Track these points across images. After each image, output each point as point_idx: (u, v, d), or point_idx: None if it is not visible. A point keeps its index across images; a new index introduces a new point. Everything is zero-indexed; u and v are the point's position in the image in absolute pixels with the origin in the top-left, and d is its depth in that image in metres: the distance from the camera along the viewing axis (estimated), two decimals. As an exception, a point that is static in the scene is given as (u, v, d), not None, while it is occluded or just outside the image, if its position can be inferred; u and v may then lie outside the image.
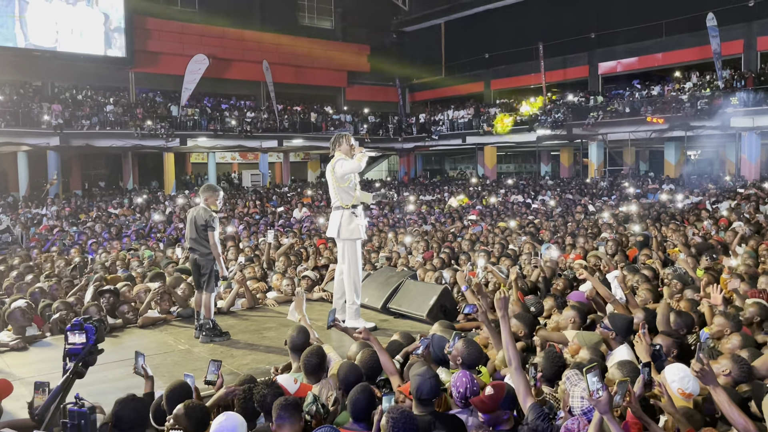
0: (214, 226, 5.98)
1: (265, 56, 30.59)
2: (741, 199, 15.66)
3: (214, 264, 6.06)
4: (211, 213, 6.04)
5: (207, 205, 6.13)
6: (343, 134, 6.43)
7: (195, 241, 6.10)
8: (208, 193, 6.21)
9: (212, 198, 6.17)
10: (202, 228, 6.01)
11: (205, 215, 6.03)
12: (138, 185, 28.32)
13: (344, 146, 6.29)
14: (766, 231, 10.41)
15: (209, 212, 6.04)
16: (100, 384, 4.70)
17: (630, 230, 11.22)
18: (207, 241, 6.01)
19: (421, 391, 3.40)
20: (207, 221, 5.99)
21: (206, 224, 5.98)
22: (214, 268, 6.07)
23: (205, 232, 6.00)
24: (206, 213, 6.04)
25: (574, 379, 3.18)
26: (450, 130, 31.88)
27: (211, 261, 6.05)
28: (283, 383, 3.81)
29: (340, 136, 6.40)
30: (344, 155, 6.24)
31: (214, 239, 5.99)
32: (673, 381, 3.27)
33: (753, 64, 23.99)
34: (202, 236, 6.03)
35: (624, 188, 21.24)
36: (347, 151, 6.27)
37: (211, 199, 6.16)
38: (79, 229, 15.30)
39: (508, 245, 10.48)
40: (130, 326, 6.59)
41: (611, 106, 25.61)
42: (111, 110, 25.42)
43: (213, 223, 5.98)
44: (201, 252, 6.08)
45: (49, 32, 25.63)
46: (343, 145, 6.29)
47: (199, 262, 6.10)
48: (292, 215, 19.00)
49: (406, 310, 6.71)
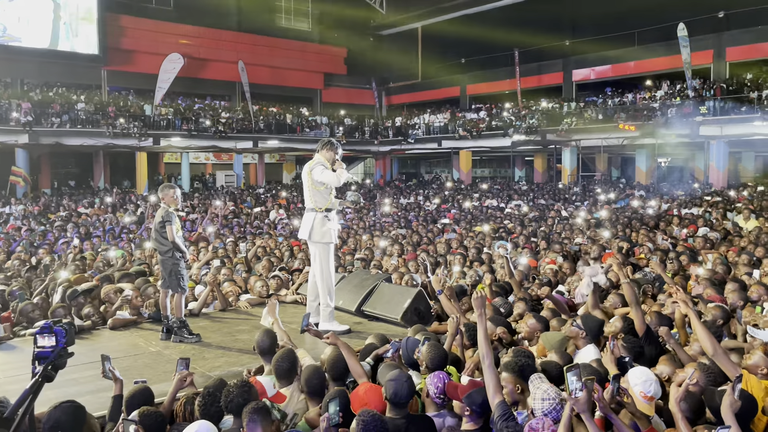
0: (171, 221, 5.93)
1: (241, 57, 30.40)
2: (709, 206, 16.01)
3: (174, 263, 6.00)
4: (167, 210, 6.00)
5: (167, 204, 6.09)
6: (335, 142, 6.38)
7: (156, 241, 6.08)
8: (164, 191, 6.17)
9: (169, 196, 6.12)
10: (160, 226, 5.98)
11: (162, 212, 6.00)
12: (109, 185, 27.87)
13: (329, 153, 6.24)
14: (733, 237, 10.66)
15: (165, 209, 6.01)
16: (69, 387, 4.61)
17: (600, 236, 11.39)
18: (166, 239, 5.96)
19: (397, 394, 3.42)
20: (164, 217, 5.95)
21: (163, 220, 5.94)
22: (179, 267, 6.01)
23: (163, 229, 5.96)
24: (163, 211, 6.02)
25: (537, 381, 3.23)
26: (426, 133, 32.04)
27: (170, 260, 6.00)
28: (264, 385, 3.81)
29: (331, 142, 6.36)
30: (325, 161, 6.21)
31: (172, 233, 5.93)
32: (636, 384, 3.34)
33: (722, 74, 24.57)
34: (161, 234, 5.98)
35: (597, 194, 21.55)
36: (329, 159, 6.23)
37: (169, 197, 6.12)
38: (47, 229, 15.00)
39: (483, 249, 10.56)
40: (100, 328, 6.48)
41: (585, 113, 25.99)
42: (82, 108, 25.00)
43: (169, 217, 5.93)
44: (161, 251, 6.05)
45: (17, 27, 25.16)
46: (329, 153, 6.24)
47: (161, 261, 6.08)
48: (267, 217, 18.89)
49: (380, 312, 6.71)
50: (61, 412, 3.16)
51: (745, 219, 13.37)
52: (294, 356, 4.19)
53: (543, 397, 3.14)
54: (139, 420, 3.26)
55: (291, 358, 4.14)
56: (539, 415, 3.14)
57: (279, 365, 4.07)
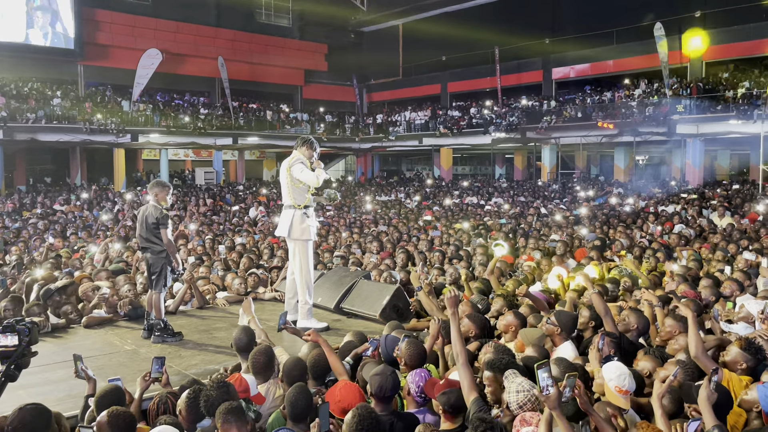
0: (166, 224, 5.86)
1: (221, 52, 30.13)
2: (685, 203, 16.24)
3: (165, 263, 5.93)
4: (162, 210, 5.90)
5: (157, 201, 5.98)
6: (313, 140, 6.34)
7: (146, 239, 5.94)
8: (157, 188, 6.06)
9: (162, 194, 6.02)
10: (153, 226, 5.86)
11: (156, 213, 5.88)
12: (86, 181, 27.46)
13: (308, 151, 6.22)
14: (707, 234, 10.83)
15: (160, 209, 5.90)
16: (42, 386, 4.55)
17: (578, 233, 11.49)
18: (159, 239, 5.87)
19: (382, 388, 3.45)
20: (159, 219, 5.84)
21: (158, 222, 5.85)
22: (165, 268, 5.94)
23: (156, 230, 5.86)
24: (157, 210, 5.89)
25: (511, 376, 3.26)
26: (407, 131, 32.07)
27: (163, 259, 5.91)
28: (249, 383, 3.79)
29: (309, 139, 6.33)
30: (303, 158, 6.17)
31: (167, 236, 5.86)
32: (611, 379, 3.37)
33: (698, 73, 24.92)
34: (154, 234, 5.88)
35: (576, 191, 21.74)
36: (308, 156, 6.20)
37: (161, 195, 6.01)
38: (21, 226, 14.75)
39: (462, 246, 10.59)
40: (75, 326, 6.39)
41: (564, 111, 26.20)
42: (58, 104, 24.59)
43: (164, 220, 5.85)
44: (153, 250, 5.94)
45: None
46: (308, 150, 6.22)
47: (151, 260, 5.96)
48: (247, 214, 18.77)
49: (359, 310, 6.70)
50: (25, 413, 3.11)
51: (719, 216, 13.59)
52: (271, 352, 4.18)
53: (517, 389, 3.17)
54: (108, 420, 3.20)
55: (268, 353, 4.13)
56: (515, 408, 3.16)
57: (256, 360, 4.06)
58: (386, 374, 3.49)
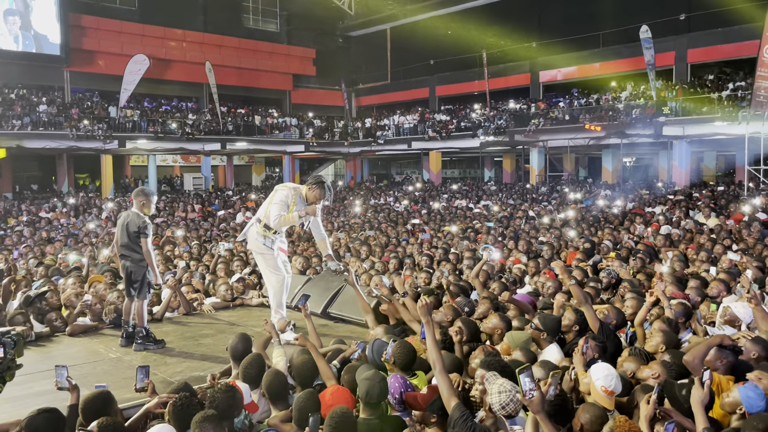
0: (147, 233, 5.76)
1: (208, 58, 30.07)
2: (672, 204, 16.34)
3: (146, 271, 5.86)
4: (144, 219, 5.82)
5: (140, 209, 5.90)
6: (329, 192, 6.02)
7: (127, 247, 5.86)
8: (141, 197, 5.96)
9: (146, 202, 5.94)
10: (134, 234, 5.78)
11: (138, 221, 5.79)
12: (73, 188, 27.26)
13: (316, 193, 5.89)
14: (693, 235, 10.90)
15: (142, 218, 5.82)
16: (25, 398, 4.48)
17: (566, 235, 11.53)
18: (140, 248, 5.80)
19: (368, 394, 3.43)
20: (140, 227, 5.76)
21: (139, 230, 5.76)
22: (147, 276, 5.87)
23: (138, 238, 5.77)
24: (139, 219, 5.80)
25: (492, 378, 3.26)
26: (396, 135, 32.10)
27: (143, 268, 5.84)
28: (244, 391, 3.75)
29: (326, 186, 5.97)
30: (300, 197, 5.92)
31: (147, 246, 5.76)
32: (598, 379, 3.39)
33: (683, 76, 25.12)
34: (135, 242, 5.80)
35: (564, 194, 21.82)
36: (311, 197, 5.90)
37: (145, 203, 5.94)
38: (6, 234, 14.62)
39: (450, 249, 10.60)
40: (59, 335, 6.33)
41: (552, 114, 26.32)
42: (44, 110, 24.42)
43: (146, 230, 5.76)
44: (133, 258, 5.85)
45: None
46: (317, 193, 5.90)
47: (131, 269, 5.87)
48: (234, 219, 18.69)
49: (347, 314, 6.69)
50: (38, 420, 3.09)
51: (705, 217, 13.69)
52: (262, 362, 4.14)
53: (499, 390, 3.17)
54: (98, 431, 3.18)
55: (259, 364, 4.10)
56: (497, 409, 3.16)
57: (247, 371, 4.03)
58: (374, 380, 3.48)
